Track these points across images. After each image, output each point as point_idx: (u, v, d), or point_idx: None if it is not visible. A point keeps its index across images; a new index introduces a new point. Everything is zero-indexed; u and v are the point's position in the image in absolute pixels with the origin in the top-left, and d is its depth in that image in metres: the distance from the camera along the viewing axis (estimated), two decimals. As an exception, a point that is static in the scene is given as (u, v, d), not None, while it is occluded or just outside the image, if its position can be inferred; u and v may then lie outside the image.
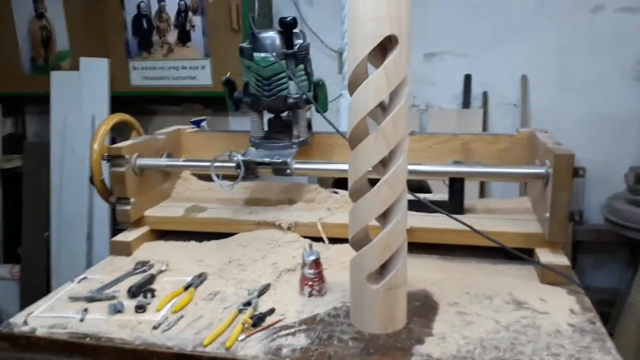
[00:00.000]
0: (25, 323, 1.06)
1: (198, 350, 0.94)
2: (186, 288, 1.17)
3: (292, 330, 0.99)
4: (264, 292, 1.14)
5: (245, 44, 1.36)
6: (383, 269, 0.96)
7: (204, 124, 2.72)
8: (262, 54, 1.33)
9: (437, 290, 1.12)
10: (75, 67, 2.83)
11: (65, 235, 3.04)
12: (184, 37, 2.61)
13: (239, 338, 0.96)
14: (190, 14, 2.51)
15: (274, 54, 1.31)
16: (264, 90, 1.36)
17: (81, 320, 1.07)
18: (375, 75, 0.85)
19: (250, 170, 1.36)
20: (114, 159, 1.40)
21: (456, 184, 1.34)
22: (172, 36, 2.63)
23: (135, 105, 2.95)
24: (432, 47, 2.49)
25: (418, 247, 1.29)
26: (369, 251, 0.93)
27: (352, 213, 0.95)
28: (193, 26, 2.53)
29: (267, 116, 1.49)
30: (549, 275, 1.13)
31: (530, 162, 1.37)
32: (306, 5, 2.65)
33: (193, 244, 1.43)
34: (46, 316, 1.09)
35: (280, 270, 1.23)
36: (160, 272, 1.28)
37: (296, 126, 1.42)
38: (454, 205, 1.35)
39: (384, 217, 0.94)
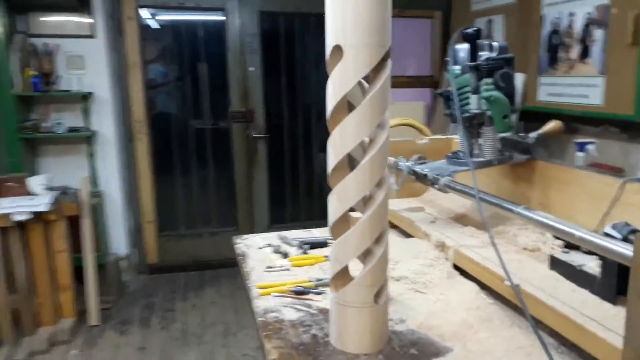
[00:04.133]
0: (243, 239, 1.62)
1: (251, 287, 1.23)
2: (326, 256, 1.42)
3: (305, 309, 1.11)
4: (347, 282, 1.24)
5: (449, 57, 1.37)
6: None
7: (590, 147, 2.47)
8: (454, 67, 1.32)
9: (458, 353, 0.92)
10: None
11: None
12: (584, 53, 2.33)
13: (274, 294, 1.18)
14: (594, 27, 2.24)
15: (458, 67, 1.28)
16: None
17: (259, 248, 1.53)
18: (328, 82, 0.87)
19: (419, 177, 1.39)
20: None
21: (607, 258, 0.92)
22: (575, 52, 2.41)
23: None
24: None
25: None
26: (330, 257, 0.95)
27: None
28: (593, 41, 2.26)
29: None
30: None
31: None
32: None
33: (393, 235, 1.59)
34: (256, 239, 1.61)
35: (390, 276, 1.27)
36: (340, 244, 1.55)
37: (477, 144, 1.31)
38: (604, 285, 0.93)
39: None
